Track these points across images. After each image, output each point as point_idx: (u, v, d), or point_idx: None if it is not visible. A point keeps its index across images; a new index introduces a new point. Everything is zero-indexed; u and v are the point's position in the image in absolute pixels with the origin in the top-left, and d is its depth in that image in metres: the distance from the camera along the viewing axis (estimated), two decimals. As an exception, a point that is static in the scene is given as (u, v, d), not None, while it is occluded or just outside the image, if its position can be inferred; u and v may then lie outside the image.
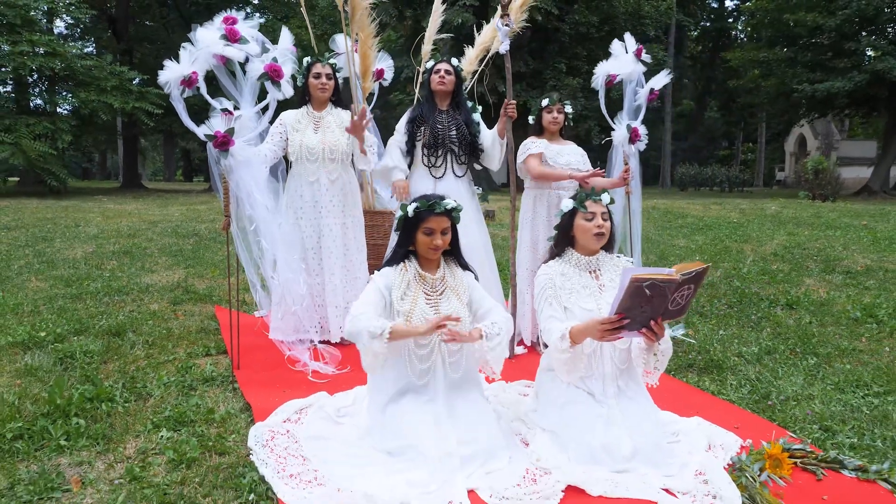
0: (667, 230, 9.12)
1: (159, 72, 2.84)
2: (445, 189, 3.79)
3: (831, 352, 3.82)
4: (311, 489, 2.16)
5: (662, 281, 2.14)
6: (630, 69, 3.91)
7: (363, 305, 2.40)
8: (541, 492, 2.17)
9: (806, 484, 2.32)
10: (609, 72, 4.08)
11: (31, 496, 2.11)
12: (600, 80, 4.10)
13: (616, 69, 4.06)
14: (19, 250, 6.38)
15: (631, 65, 3.91)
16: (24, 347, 3.54)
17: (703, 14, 36.02)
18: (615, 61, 4.10)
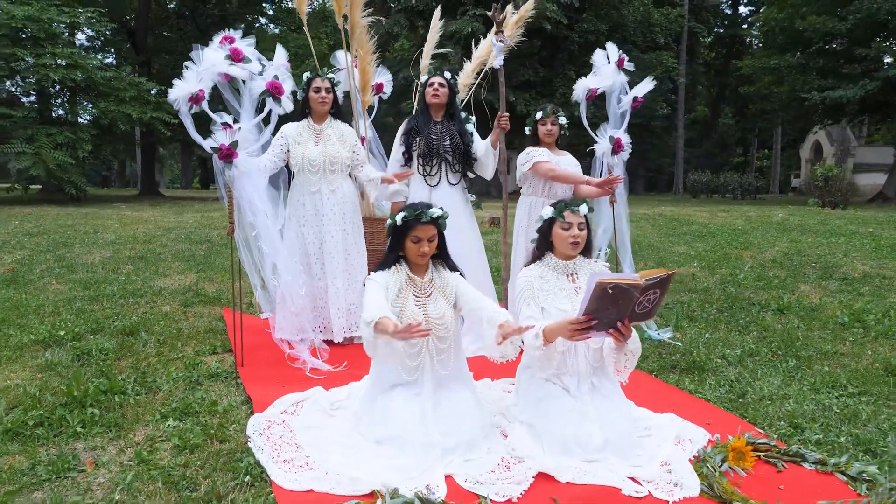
0: (669, 237, 9.23)
1: (169, 90, 3.07)
2: (440, 197, 3.99)
3: (812, 355, 3.95)
4: (302, 473, 2.36)
5: (627, 285, 2.32)
6: (611, 80, 4.06)
7: (372, 293, 2.58)
8: (512, 478, 2.35)
9: (766, 475, 2.48)
10: (588, 86, 4.21)
11: (50, 475, 2.33)
12: (581, 95, 4.23)
13: (596, 83, 4.19)
14: (41, 255, 6.67)
15: (612, 76, 4.06)
16: (45, 345, 3.79)
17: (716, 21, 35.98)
18: (595, 76, 4.24)
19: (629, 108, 4.07)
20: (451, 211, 3.97)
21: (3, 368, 3.42)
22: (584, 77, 4.26)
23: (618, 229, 4.36)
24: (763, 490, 2.34)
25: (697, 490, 2.31)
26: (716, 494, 2.28)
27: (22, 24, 14.23)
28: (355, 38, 4.10)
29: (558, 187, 3.97)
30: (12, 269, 5.84)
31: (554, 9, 18.15)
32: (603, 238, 4.44)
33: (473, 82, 4.88)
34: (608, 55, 4.13)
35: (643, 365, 3.78)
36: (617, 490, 2.30)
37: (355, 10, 4.04)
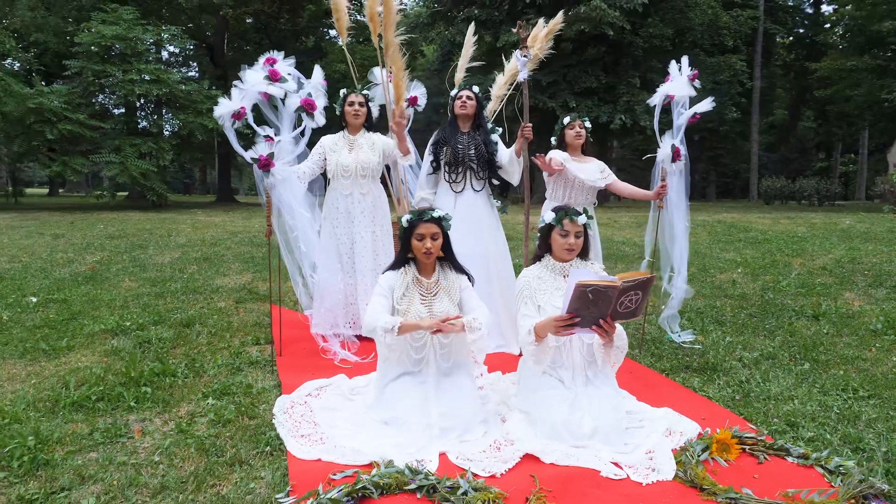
0: (721, 243, 9.13)
1: (214, 107, 3.49)
2: (465, 202, 4.26)
3: (831, 359, 3.97)
4: (315, 446, 2.67)
5: (604, 287, 2.53)
6: (684, 91, 4.15)
7: (376, 305, 2.90)
8: (500, 457, 2.58)
9: (747, 466, 2.61)
10: (668, 92, 4.27)
11: (104, 440, 2.74)
12: (658, 99, 4.28)
13: (674, 90, 4.26)
14: (118, 256, 7.35)
15: (685, 87, 4.15)
16: (113, 334, 4.29)
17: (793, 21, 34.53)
18: (674, 82, 4.31)
19: (685, 122, 4.15)
20: (475, 216, 4.29)
21: (76, 353, 3.93)
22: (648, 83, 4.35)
23: (668, 236, 4.40)
24: (737, 478, 2.47)
25: (672, 475, 2.47)
26: (688, 479, 2.44)
27: (111, 43, 15.48)
28: (389, 55, 4.41)
29: (580, 194, 4.15)
30: (92, 268, 6.50)
31: (616, 14, 18.06)
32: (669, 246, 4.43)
33: (505, 93, 5.11)
34: (681, 67, 4.22)
35: (656, 364, 3.91)
36: (596, 472, 2.50)
37: (389, 31, 4.35)
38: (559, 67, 20.79)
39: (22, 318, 4.62)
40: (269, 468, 2.50)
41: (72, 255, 7.51)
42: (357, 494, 2.23)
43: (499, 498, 2.23)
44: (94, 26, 15.45)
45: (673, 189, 4.17)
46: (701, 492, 2.37)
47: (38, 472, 2.46)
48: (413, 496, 2.28)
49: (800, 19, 35.36)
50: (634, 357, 4.05)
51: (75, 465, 2.51)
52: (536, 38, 5.11)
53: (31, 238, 9.21)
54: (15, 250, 7.92)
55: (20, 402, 3.11)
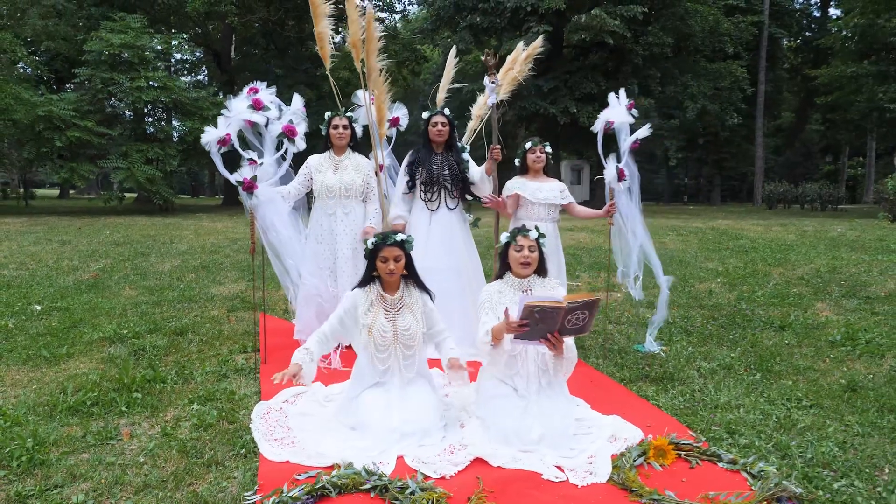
0: (707, 251, 9.34)
1: (201, 135, 3.77)
2: (440, 220, 4.52)
3: (784, 370, 4.19)
4: (285, 448, 2.93)
5: (551, 308, 2.80)
6: (623, 118, 4.46)
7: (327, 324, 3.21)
8: (452, 460, 2.84)
9: (679, 470, 2.85)
10: (608, 119, 4.57)
11: (96, 441, 3.01)
12: (599, 126, 4.58)
13: (613, 117, 4.56)
14: (121, 263, 7.66)
15: (623, 115, 4.46)
16: (110, 341, 4.57)
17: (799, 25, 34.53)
18: (613, 110, 4.60)
19: (629, 147, 4.44)
20: (449, 233, 4.56)
21: (75, 360, 4.21)
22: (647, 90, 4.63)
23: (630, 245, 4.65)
24: (667, 482, 2.72)
25: (606, 478, 2.72)
26: (620, 482, 2.69)
27: (119, 51, 15.85)
28: (371, 80, 4.68)
29: (543, 209, 4.41)
30: (95, 276, 6.81)
31: (616, 23, 18.28)
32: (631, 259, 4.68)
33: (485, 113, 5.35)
34: (620, 98, 4.53)
35: (618, 373, 4.15)
36: (538, 475, 2.75)
37: (371, 57, 4.61)
38: (561, 73, 21.06)
39: (26, 326, 4.91)
40: (241, 469, 2.76)
41: (77, 262, 7.82)
42: (316, 493, 2.49)
43: (443, 497, 2.49)
44: (103, 34, 15.81)
45: (623, 205, 4.44)
46: (630, 493, 2.61)
47: (34, 470, 2.74)
48: (367, 495, 2.54)
49: (807, 23, 35.36)
50: (598, 366, 4.29)
51: (68, 465, 2.78)
52: (516, 60, 5.34)
53: (39, 244, 9.54)
54: (23, 257, 8.24)
55: (21, 406, 3.40)
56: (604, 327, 5.35)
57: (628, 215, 4.57)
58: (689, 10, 20.11)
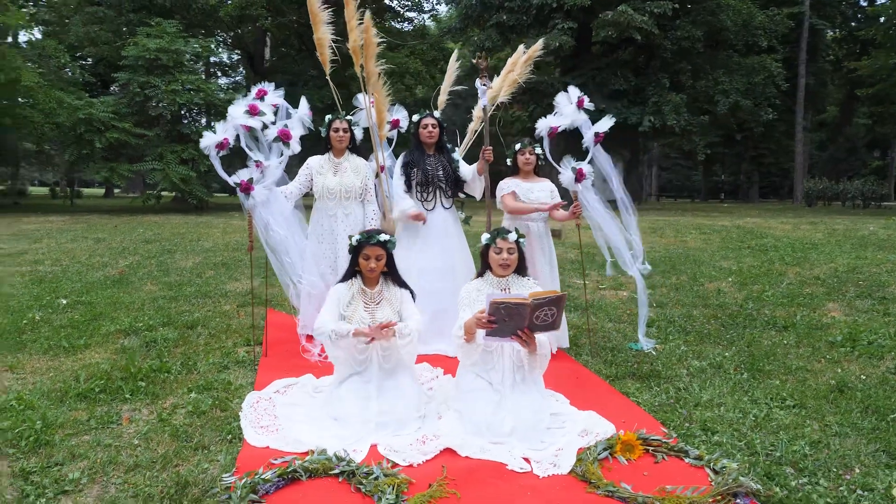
0: (725, 250, 9.25)
1: (200, 140, 3.98)
2: (436, 218, 4.65)
3: (776, 370, 4.20)
4: (268, 435, 3.11)
5: (515, 304, 2.91)
6: (571, 119, 4.51)
7: (326, 313, 3.33)
8: (423, 449, 2.97)
9: (643, 465, 2.93)
10: (550, 125, 4.62)
11: (98, 425, 3.24)
12: (543, 132, 4.64)
13: (557, 122, 4.61)
14: (148, 260, 8.00)
15: (573, 115, 4.51)
16: (125, 333, 4.84)
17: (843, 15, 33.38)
18: (557, 116, 4.64)
19: (592, 143, 4.49)
20: (444, 232, 4.69)
21: (91, 350, 4.48)
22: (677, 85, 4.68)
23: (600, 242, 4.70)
24: (627, 475, 2.80)
25: (567, 470, 2.82)
26: (580, 474, 2.78)
27: (155, 55, 16.41)
28: (371, 84, 4.84)
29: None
30: (122, 272, 7.14)
31: (644, 19, 18.10)
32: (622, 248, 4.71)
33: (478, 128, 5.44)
34: (570, 97, 4.57)
35: (605, 370, 4.22)
36: (503, 465, 2.87)
37: (370, 62, 4.78)
38: (588, 70, 20.94)
39: (51, 319, 5.23)
40: (225, 453, 2.95)
41: (107, 259, 8.20)
42: (288, 476, 2.66)
43: (404, 483, 2.63)
44: (140, 40, 16.40)
45: (590, 203, 4.47)
46: (588, 485, 2.71)
47: (39, 450, 2.97)
48: (336, 480, 2.70)
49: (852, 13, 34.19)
50: (587, 363, 4.37)
51: (70, 446, 3.01)
52: (517, 63, 5.43)
53: (75, 242, 10.01)
54: (59, 254, 8.68)
55: (36, 392, 3.66)
56: (602, 325, 5.41)
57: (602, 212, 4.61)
58: (720, 4, 19.76)
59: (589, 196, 4.51)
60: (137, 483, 2.68)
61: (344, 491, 2.63)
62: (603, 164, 4.66)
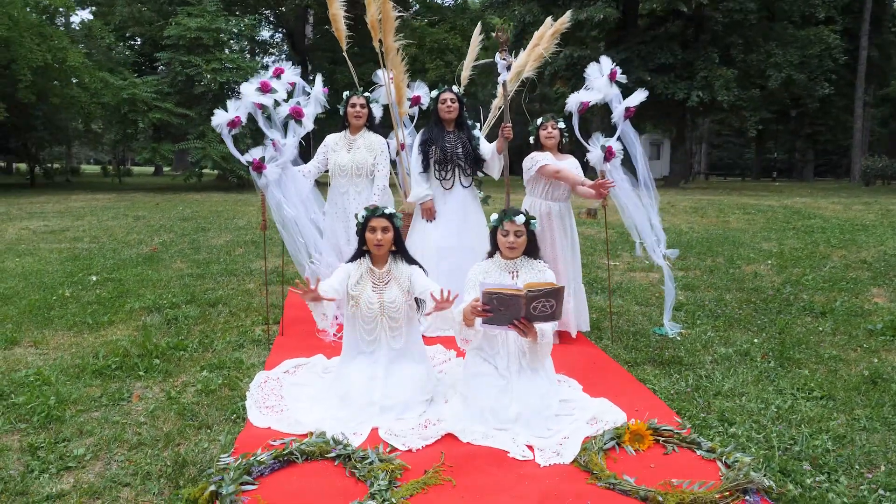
0: (767, 232, 8.88)
1: (212, 118, 3.97)
2: (454, 198, 4.55)
3: (806, 358, 3.99)
4: (272, 415, 3.10)
5: (509, 295, 2.81)
6: (604, 93, 4.29)
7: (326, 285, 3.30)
8: (424, 434, 2.92)
9: (651, 456, 2.80)
10: (581, 100, 4.41)
11: (109, 402, 3.29)
12: (573, 107, 4.43)
13: (588, 96, 4.39)
14: (181, 238, 8.15)
15: (605, 89, 4.28)
16: (148, 311, 4.93)
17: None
18: (587, 89, 4.42)
19: (621, 118, 4.28)
20: (464, 211, 4.59)
21: (114, 327, 4.58)
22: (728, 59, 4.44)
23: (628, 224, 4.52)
24: (633, 466, 2.69)
25: (570, 459, 2.72)
26: (582, 464, 2.68)
27: (196, 35, 16.62)
28: (389, 59, 4.75)
29: (557, 189, 4.34)
30: (154, 250, 7.29)
31: (692, -11, 17.40)
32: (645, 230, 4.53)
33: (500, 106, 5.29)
34: (601, 68, 4.34)
35: (625, 355, 4.08)
36: (505, 453, 2.79)
37: (388, 36, 4.68)
38: (633, 44, 20.30)
39: (80, 295, 5.36)
40: (227, 433, 2.95)
41: (143, 236, 8.39)
42: (283, 459, 2.64)
43: (399, 468, 2.57)
44: (181, 20, 16.61)
45: (617, 183, 4.27)
46: (590, 476, 2.61)
47: (50, 425, 3.03)
48: (332, 463, 2.67)
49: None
50: (606, 348, 4.24)
51: (79, 422, 3.06)
52: (543, 36, 5.25)
53: (116, 219, 10.29)
54: (98, 231, 8.92)
55: (55, 368, 3.74)
56: (628, 308, 5.25)
57: (629, 192, 4.41)
58: (775, -27, 18.84)
59: (616, 176, 4.31)
60: (138, 461, 2.71)
61: (339, 475, 2.60)
62: (632, 142, 4.45)
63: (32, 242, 8.15)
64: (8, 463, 2.69)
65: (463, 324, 3.04)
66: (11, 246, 7.88)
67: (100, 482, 2.54)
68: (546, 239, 4.37)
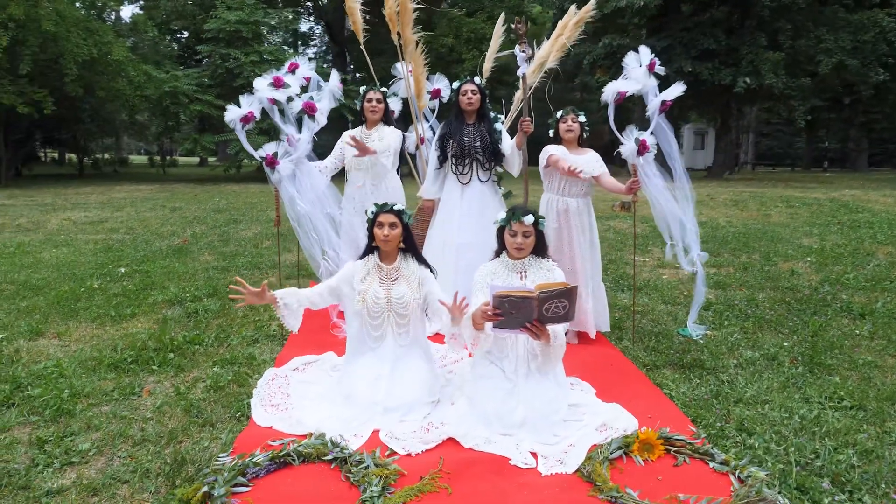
0: (809, 226, 8.50)
1: (225, 113, 3.96)
2: (471, 194, 4.46)
3: (838, 364, 3.78)
4: (276, 414, 3.09)
5: (520, 298, 2.70)
6: (641, 84, 4.11)
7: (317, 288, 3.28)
8: (425, 438, 2.86)
9: (660, 467, 2.68)
10: (618, 89, 4.24)
11: (120, 396, 3.33)
12: (609, 97, 4.26)
13: (626, 87, 4.21)
14: (213, 230, 8.27)
15: (643, 79, 4.11)
16: (170, 304, 4.99)
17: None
18: (625, 79, 4.25)
19: (657, 111, 4.09)
20: (481, 206, 4.49)
21: (136, 320, 4.65)
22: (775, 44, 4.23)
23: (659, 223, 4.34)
24: (640, 478, 2.57)
25: (573, 469, 2.62)
26: (585, 474, 2.58)
27: (235, 28, 16.83)
28: (408, 52, 4.67)
29: (575, 185, 4.20)
30: (185, 242, 7.40)
31: (738, -28, 16.75)
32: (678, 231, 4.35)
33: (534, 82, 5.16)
34: (640, 58, 4.16)
35: (645, 357, 3.93)
36: (506, 459, 2.70)
37: (406, 29, 4.60)
38: (676, 31, 19.73)
39: (108, 287, 5.47)
40: (230, 431, 2.95)
41: (176, 228, 8.54)
42: (280, 460, 2.62)
43: (394, 474, 2.52)
44: (220, 14, 16.85)
45: (650, 179, 4.09)
46: (591, 487, 2.51)
47: (60, 419, 3.08)
48: (328, 466, 2.63)
49: None
50: (626, 349, 4.10)
51: (88, 416, 3.10)
52: (566, 25, 5.08)
53: (153, 210, 10.52)
54: (135, 222, 9.13)
55: (74, 360, 3.81)
56: (654, 307, 5.08)
57: (661, 189, 4.23)
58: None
59: (649, 170, 4.13)
60: (140, 458, 2.72)
61: (334, 478, 2.56)
62: (666, 138, 4.26)
63: (71, 233, 8.38)
64: (15, 456, 2.73)
65: (473, 328, 2.96)
66: (51, 236, 8.12)
67: (100, 478, 2.56)
68: (564, 237, 4.25)
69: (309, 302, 3.28)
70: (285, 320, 3.19)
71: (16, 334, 4.30)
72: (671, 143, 4.26)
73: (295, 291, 3.25)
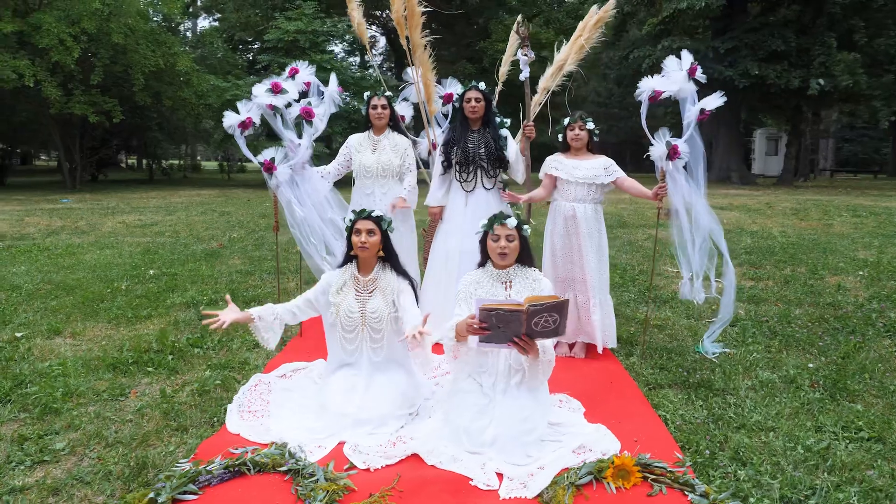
0: (870, 238, 7.89)
1: (223, 119, 4.00)
2: (476, 200, 4.33)
3: (863, 389, 3.44)
4: (249, 421, 3.06)
5: (509, 311, 2.55)
6: (679, 87, 3.86)
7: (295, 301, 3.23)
8: (389, 453, 2.76)
9: (633, 497, 2.48)
10: (654, 88, 4.02)
11: (109, 397, 3.39)
12: (644, 95, 4.06)
13: (663, 86, 3.99)
14: (252, 235, 8.44)
15: (681, 83, 3.86)
16: (187, 306, 5.09)
17: None
18: (664, 78, 4.03)
19: (694, 119, 3.83)
20: (486, 212, 4.31)
21: (150, 322, 4.76)
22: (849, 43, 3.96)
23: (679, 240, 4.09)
24: (609, 508, 2.39)
25: (534, 494, 2.47)
26: (545, 501, 2.42)
27: (293, 38, 17.28)
28: (417, 56, 4.59)
29: (579, 189, 4.02)
30: (221, 246, 7.58)
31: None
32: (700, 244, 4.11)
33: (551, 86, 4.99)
34: (681, 63, 3.92)
35: (652, 375, 3.70)
36: (467, 480, 2.57)
37: (415, 32, 4.53)
38: (741, 32, 18.90)
39: (133, 289, 5.64)
40: (200, 437, 2.94)
41: (218, 232, 8.78)
42: (234, 469, 2.58)
43: (342, 490, 2.44)
44: (280, 23, 17.34)
45: (681, 187, 3.85)
46: (549, 515, 2.35)
47: (46, 417, 3.16)
48: (282, 477, 2.57)
49: None
50: (632, 365, 3.87)
51: (73, 416, 3.16)
52: (586, 27, 4.89)
53: (204, 215, 10.86)
54: (181, 226, 9.44)
55: (79, 360, 3.92)
56: (676, 321, 4.80)
57: (688, 200, 3.97)
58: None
59: (679, 177, 3.89)
60: (107, 459, 2.74)
61: (284, 491, 2.49)
62: (696, 151, 3.99)
63: (120, 235, 8.76)
64: (-8, 452, 2.81)
65: (455, 341, 2.84)
66: (101, 239, 8.50)
67: (64, 478, 2.59)
68: (573, 244, 4.08)
69: (289, 315, 3.23)
70: (259, 335, 3.15)
71: (35, 333, 4.47)
72: (699, 159, 3.99)
73: (271, 307, 3.20)
